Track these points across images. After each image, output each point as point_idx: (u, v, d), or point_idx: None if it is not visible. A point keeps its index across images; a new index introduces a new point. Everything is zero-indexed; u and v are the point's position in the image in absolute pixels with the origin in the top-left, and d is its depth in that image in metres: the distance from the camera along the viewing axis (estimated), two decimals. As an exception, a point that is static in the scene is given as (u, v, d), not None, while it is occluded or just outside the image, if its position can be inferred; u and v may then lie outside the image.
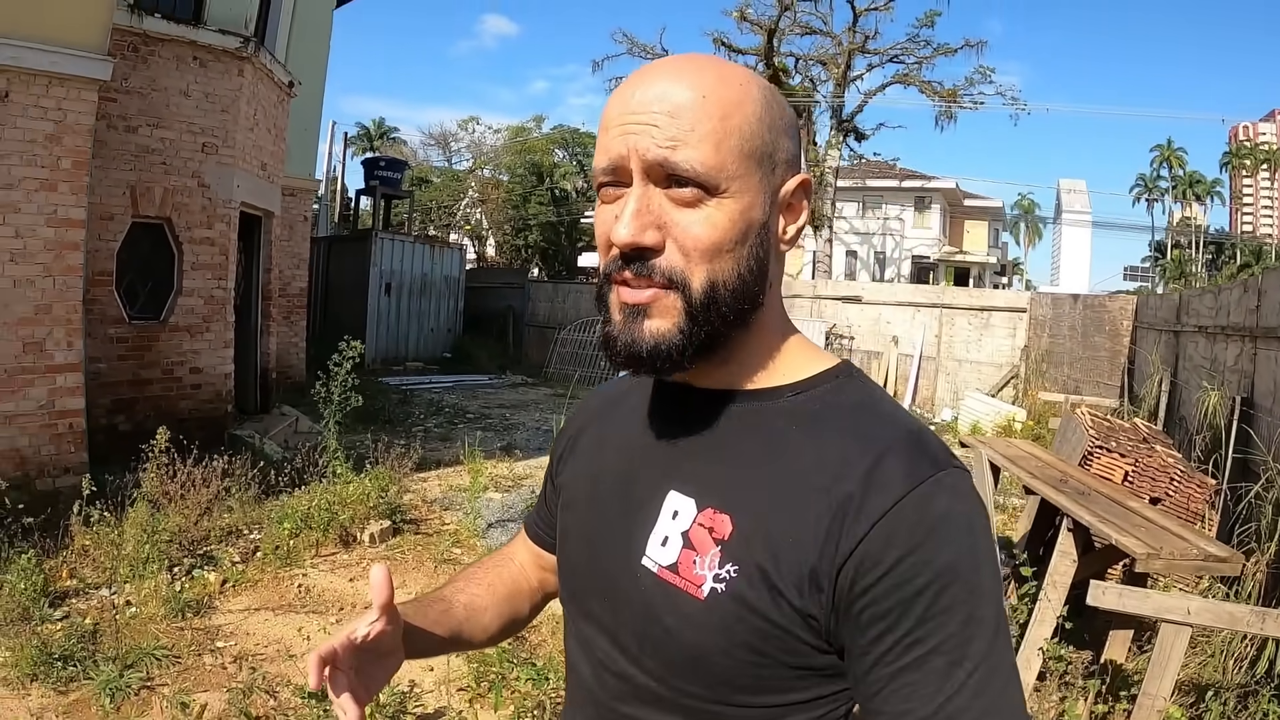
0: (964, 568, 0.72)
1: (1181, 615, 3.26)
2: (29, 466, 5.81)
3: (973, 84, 22.49)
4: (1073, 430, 5.79)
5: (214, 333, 8.11)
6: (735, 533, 0.79)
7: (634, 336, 0.81)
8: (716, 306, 0.80)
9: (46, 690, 3.77)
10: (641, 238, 0.78)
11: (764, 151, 0.80)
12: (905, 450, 0.77)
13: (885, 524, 0.73)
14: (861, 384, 0.87)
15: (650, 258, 0.79)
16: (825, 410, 0.83)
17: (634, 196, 0.79)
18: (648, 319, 0.80)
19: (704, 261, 0.78)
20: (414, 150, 46.13)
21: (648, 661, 0.84)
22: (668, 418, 0.91)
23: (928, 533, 0.72)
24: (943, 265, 37.07)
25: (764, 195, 0.81)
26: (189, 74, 7.58)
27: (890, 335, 14.98)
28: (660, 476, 0.88)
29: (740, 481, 0.82)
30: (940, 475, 0.76)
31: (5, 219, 5.65)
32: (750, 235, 0.80)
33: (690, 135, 0.76)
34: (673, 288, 0.79)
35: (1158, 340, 9.32)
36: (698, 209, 0.78)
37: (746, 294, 0.82)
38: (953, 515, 0.74)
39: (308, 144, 13.25)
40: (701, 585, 0.80)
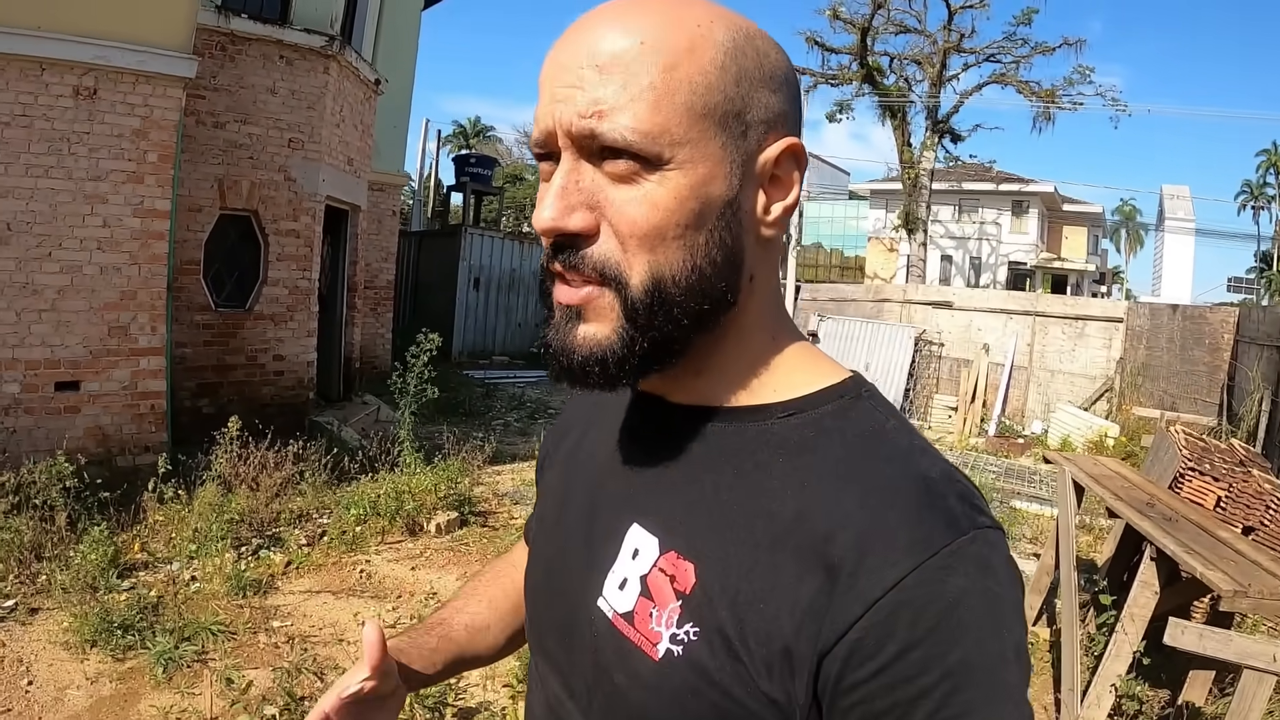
0: (982, 665, 0.57)
1: (1266, 662, 2.99)
2: (110, 444, 6.04)
3: (1072, 84, 21.68)
4: (1165, 449, 5.46)
5: (297, 322, 8.32)
6: (698, 586, 0.66)
7: (565, 342, 0.67)
8: (665, 308, 0.64)
9: (104, 656, 3.91)
10: (565, 221, 0.64)
11: (728, 109, 0.64)
12: (917, 506, 0.61)
13: (884, 607, 0.58)
14: (871, 407, 0.70)
15: (581, 246, 0.65)
16: (821, 440, 0.67)
17: (560, 172, 0.65)
18: (581, 322, 0.66)
19: (644, 250, 0.63)
20: (509, 148, 46.90)
21: (596, 716, 0.72)
22: (639, 435, 0.77)
23: (937, 621, 0.57)
24: (1040, 272, 35.84)
25: (729, 165, 0.64)
26: (275, 72, 7.81)
27: (981, 343, 14.49)
28: (623, 505, 0.75)
29: (710, 524, 0.67)
30: (958, 544, 0.59)
31: (94, 209, 5.90)
32: (709, 216, 0.64)
33: (621, 95, 0.61)
34: (606, 284, 0.65)
35: (1260, 356, 8.78)
36: (635, 184, 0.63)
37: (707, 291, 0.65)
38: (970, 598, 0.58)
39: (396, 140, 13.52)
40: (657, 644, 0.66)
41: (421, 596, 5.01)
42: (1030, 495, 9.04)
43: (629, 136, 0.61)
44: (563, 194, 0.64)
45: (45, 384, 5.84)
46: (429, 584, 5.29)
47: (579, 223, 0.64)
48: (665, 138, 0.62)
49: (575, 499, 0.82)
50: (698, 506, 0.69)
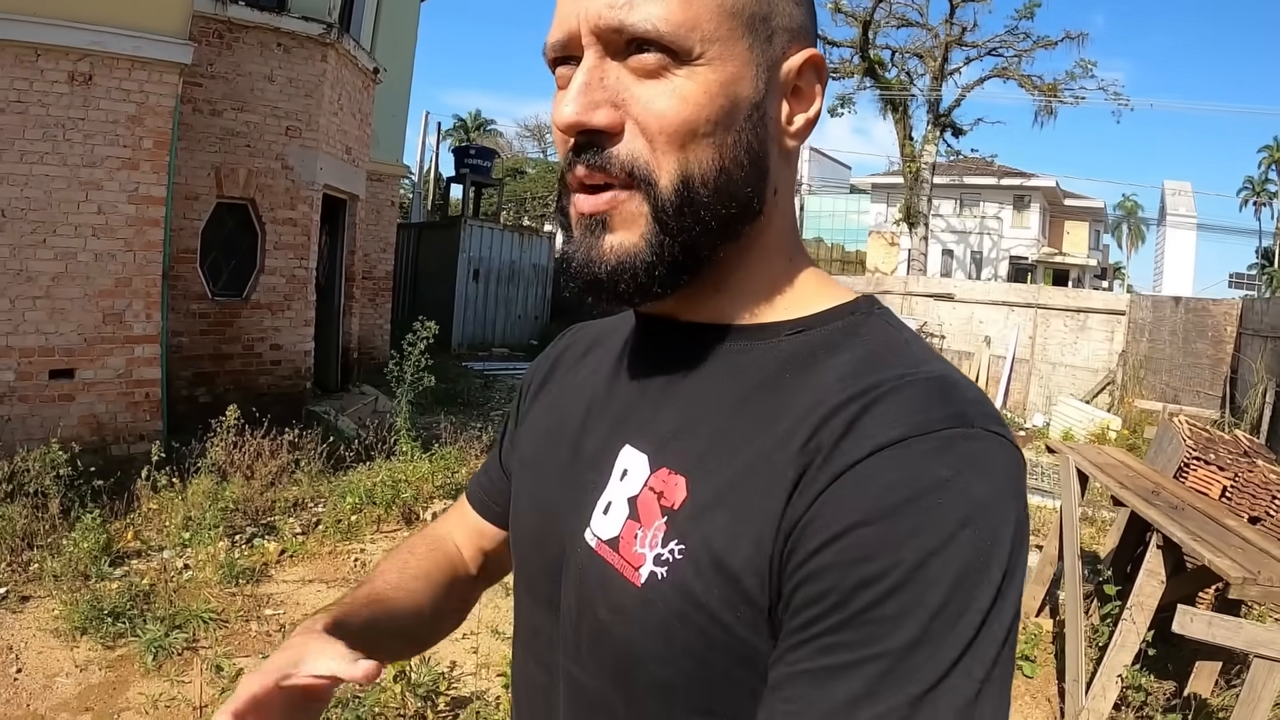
0: (941, 568, 0.50)
1: (1277, 651, 2.95)
2: (105, 432, 6.01)
3: (1074, 78, 21.57)
4: (1169, 440, 5.42)
5: (295, 311, 8.27)
6: (688, 500, 0.61)
7: (590, 254, 0.64)
8: (693, 208, 0.62)
9: (95, 644, 3.88)
10: (590, 116, 0.61)
11: (755, 11, 0.62)
12: (918, 393, 0.57)
13: (850, 477, 0.53)
14: (883, 322, 0.67)
15: (606, 145, 0.62)
16: (832, 355, 0.63)
17: (583, 69, 0.62)
18: (608, 232, 0.63)
19: (674, 148, 0.61)
20: (509, 142, 46.88)
21: (586, 659, 0.67)
22: (640, 357, 0.73)
23: (904, 503, 0.51)
24: (1041, 266, 35.78)
25: (756, 68, 0.63)
26: (273, 59, 7.75)
27: (982, 335, 14.45)
28: (617, 428, 0.71)
29: (708, 438, 0.63)
30: (956, 433, 0.54)
31: (89, 195, 5.86)
32: (737, 116, 0.62)
33: None
34: (634, 185, 0.62)
35: (1263, 348, 8.73)
36: (663, 79, 0.61)
37: (735, 194, 0.63)
38: (953, 488, 0.51)
39: (395, 130, 13.46)
40: (639, 568, 0.62)
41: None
42: (1032, 488, 9.00)
43: (660, 26, 0.59)
44: (586, 89, 0.61)
45: (40, 371, 5.80)
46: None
47: (604, 118, 0.61)
48: (696, 32, 0.60)
49: (565, 431, 0.77)
50: (696, 422, 0.65)
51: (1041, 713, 4.06)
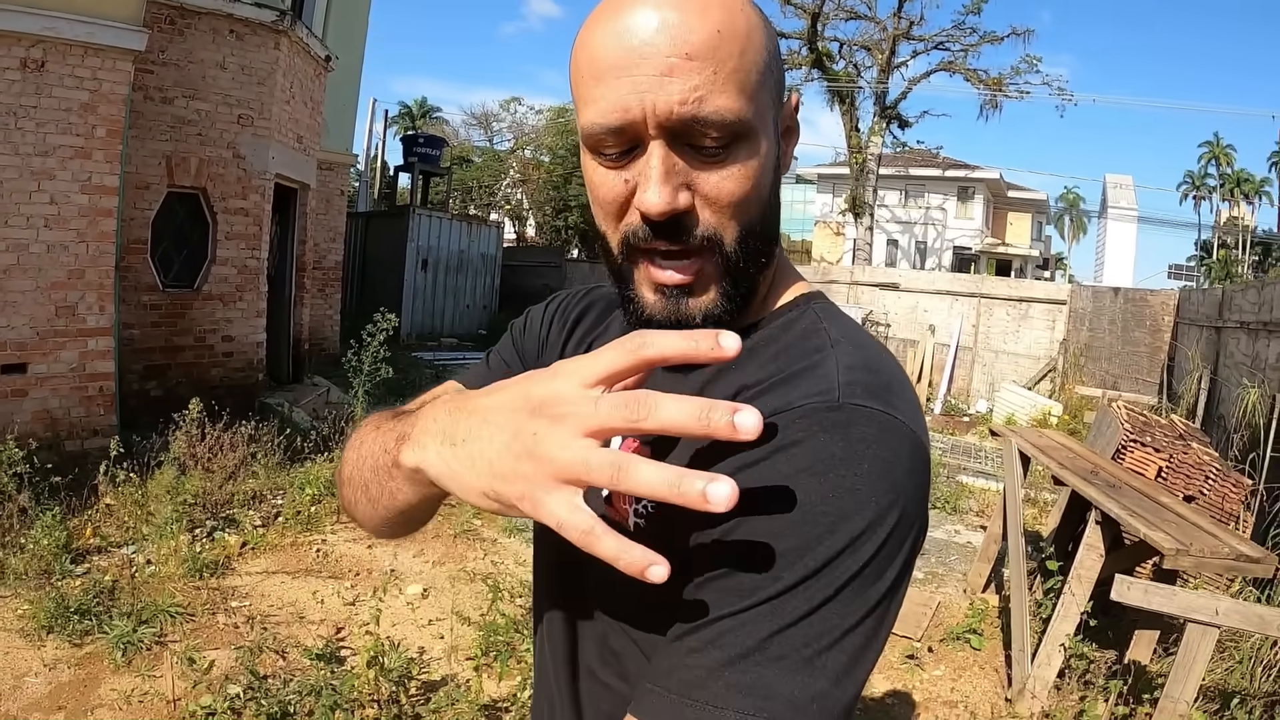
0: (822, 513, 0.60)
1: (1209, 615, 3.15)
2: (59, 427, 5.90)
3: (1019, 73, 22.00)
4: (1108, 424, 5.65)
5: (246, 302, 8.19)
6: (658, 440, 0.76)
7: (681, 315, 0.73)
8: (752, 257, 0.73)
9: (61, 642, 3.84)
10: (677, 202, 0.68)
11: (775, 81, 0.73)
12: (837, 370, 0.69)
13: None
14: (816, 315, 0.78)
15: (687, 223, 0.70)
16: (767, 346, 0.76)
17: (659, 158, 0.68)
18: (692, 297, 0.73)
19: (737, 216, 0.71)
20: (455, 130, 46.31)
21: (602, 601, 0.81)
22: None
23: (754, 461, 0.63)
24: (984, 257, 36.52)
25: (774, 127, 0.74)
26: (225, 46, 7.63)
27: (927, 324, 14.77)
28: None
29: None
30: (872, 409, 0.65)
31: (40, 185, 5.73)
32: (770, 175, 0.74)
33: (715, 80, 0.66)
34: (708, 250, 0.71)
35: (1199, 336, 9.09)
36: (729, 164, 0.69)
37: (772, 233, 0.76)
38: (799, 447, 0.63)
39: (345, 119, 13.30)
40: (627, 519, 0.76)
41: (379, 573, 5.01)
42: (976, 470, 9.27)
43: (728, 118, 0.67)
44: (667, 177, 0.68)
45: (-9, 367, 5.69)
46: (386, 561, 5.29)
47: (685, 202, 0.69)
48: (753, 115, 0.69)
49: None
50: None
51: (989, 682, 4.24)
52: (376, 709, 3.47)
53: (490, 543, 5.79)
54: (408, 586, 4.89)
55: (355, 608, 4.57)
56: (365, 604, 4.54)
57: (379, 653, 3.51)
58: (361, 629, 4.11)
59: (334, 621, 4.38)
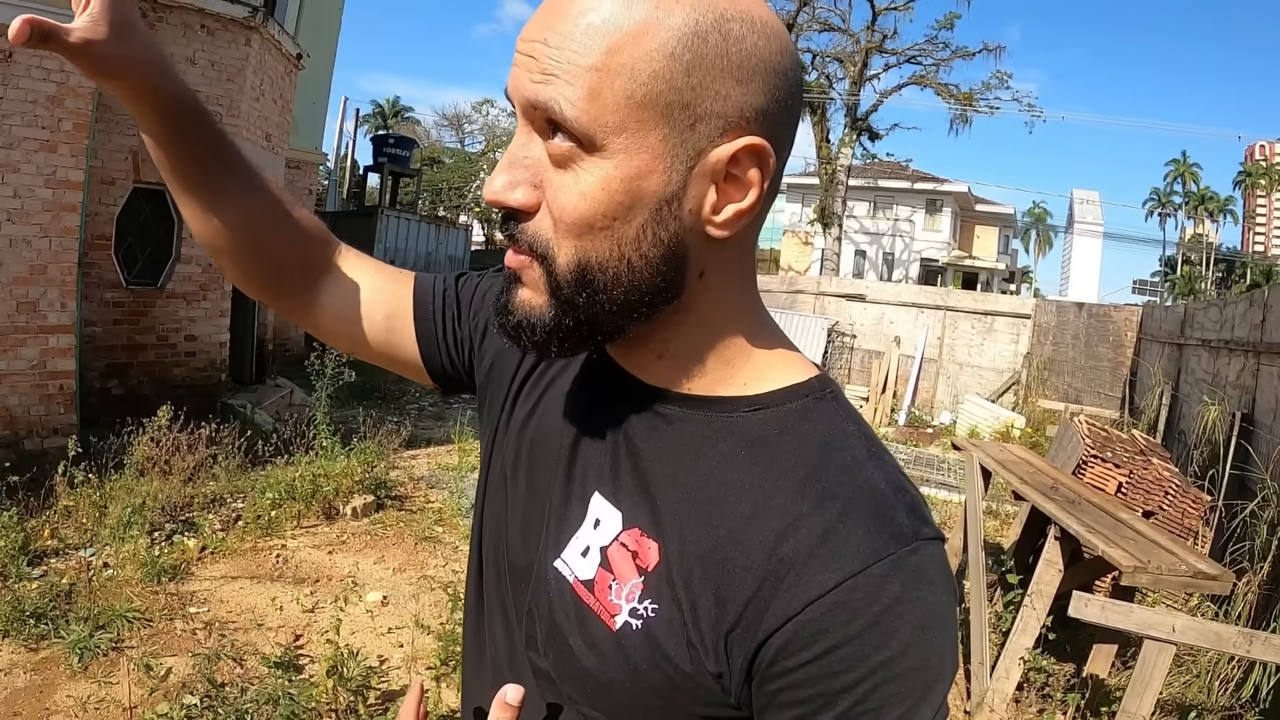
0: (907, 665, 0.60)
1: (1166, 632, 3.20)
2: (18, 426, 5.80)
3: (989, 88, 22.38)
4: (1069, 438, 5.73)
5: (210, 301, 8.09)
6: (661, 565, 0.68)
7: (508, 303, 0.68)
8: (589, 292, 0.64)
9: (17, 646, 3.77)
10: (508, 196, 0.63)
11: (674, 100, 0.60)
12: (867, 515, 0.63)
13: (823, 605, 0.60)
14: (834, 409, 0.70)
15: (521, 219, 0.64)
16: (783, 439, 0.68)
17: (514, 143, 0.64)
18: (521, 286, 0.67)
19: (570, 236, 0.62)
20: (427, 130, 46.12)
21: (552, 664, 0.74)
22: (608, 406, 0.76)
23: (871, 622, 0.59)
24: (951, 269, 36.93)
25: (670, 159, 0.61)
26: (196, 41, 7.54)
27: (892, 335, 14.91)
28: (585, 471, 0.76)
29: (671, 506, 0.69)
30: (901, 554, 0.61)
31: (4, 178, 5.64)
32: (639, 210, 0.62)
33: (566, 71, 0.59)
34: (535, 259, 0.65)
35: (1161, 352, 9.25)
36: (569, 170, 0.61)
37: (637, 283, 0.64)
38: (905, 601, 0.60)
39: (315, 117, 13.19)
40: (615, 615, 0.68)
41: (340, 580, 4.96)
42: (938, 482, 9.36)
43: (566, 114, 0.59)
44: (510, 167, 0.64)
45: (-51, 362, 5.57)
46: (347, 567, 5.24)
47: (520, 199, 0.64)
48: (599, 124, 0.59)
49: (546, 455, 0.81)
50: (660, 487, 0.70)
51: (949, 695, 4.28)
52: (334, 718, 3.43)
53: (452, 549, 5.75)
54: (368, 594, 4.85)
55: (314, 615, 4.52)
56: (325, 611, 4.50)
57: (339, 662, 3.48)
58: (321, 637, 4.07)
59: (293, 629, 4.33)
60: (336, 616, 3.66)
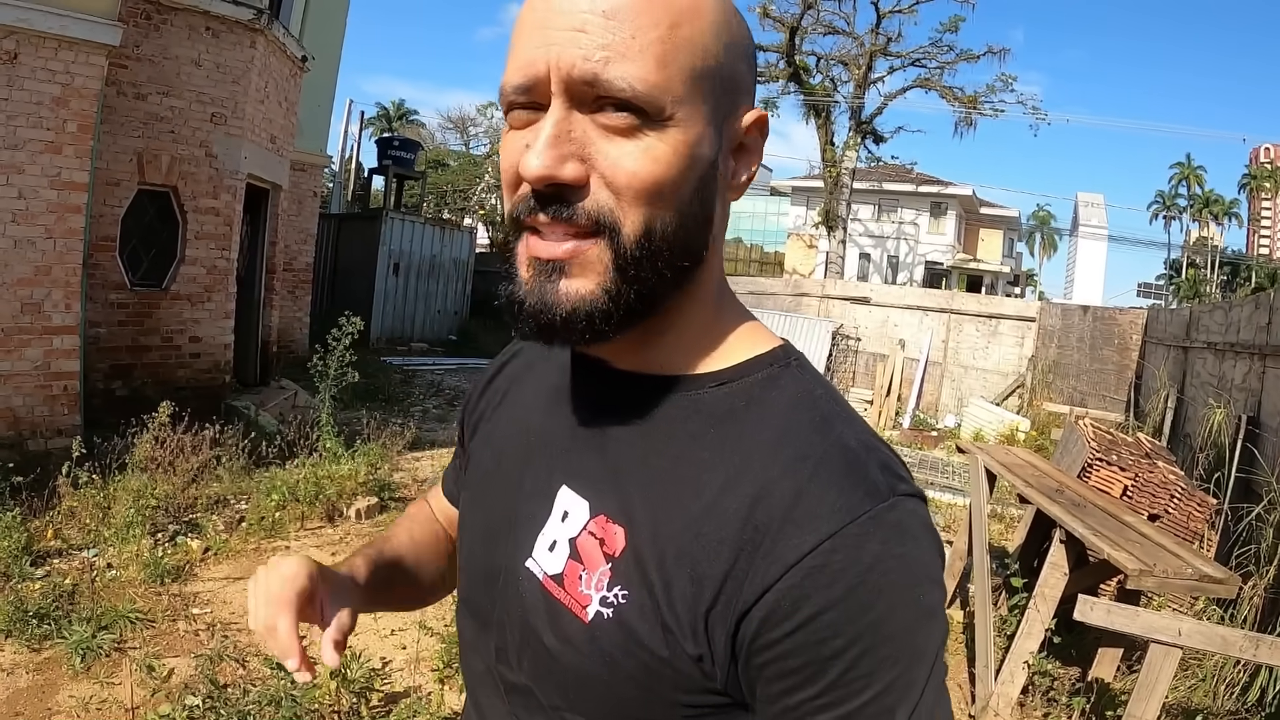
0: (895, 627, 0.59)
1: (1171, 636, 3.18)
2: (22, 426, 5.80)
3: (994, 91, 22.36)
4: (1074, 441, 5.71)
5: (215, 303, 8.09)
6: (628, 550, 0.66)
7: (546, 299, 0.65)
8: (652, 261, 0.64)
9: (19, 646, 3.77)
10: (560, 170, 0.62)
11: (720, 74, 0.65)
12: (838, 473, 0.62)
13: (802, 569, 0.59)
14: (799, 375, 0.71)
15: (572, 198, 0.63)
16: (750, 410, 0.68)
17: (551, 120, 0.62)
18: (565, 278, 0.64)
19: (640, 203, 0.63)
20: (432, 133, 46.18)
21: (526, 672, 0.73)
22: (576, 400, 0.77)
23: (853, 584, 0.58)
24: (956, 272, 36.89)
25: (714, 127, 0.66)
26: (201, 44, 7.55)
27: (897, 338, 14.88)
28: (555, 467, 0.75)
29: (641, 489, 0.68)
30: (878, 510, 0.60)
31: (9, 179, 5.64)
32: (696, 175, 0.65)
33: (630, 45, 0.60)
34: (599, 233, 0.63)
35: (1166, 356, 9.22)
36: (634, 139, 0.62)
37: (689, 245, 0.66)
38: (887, 560, 0.59)
39: (320, 120, 13.20)
40: (586, 606, 0.67)
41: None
42: (943, 485, 9.34)
43: (637, 87, 0.60)
44: (555, 142, 0.62)
45: (-47, 363, 5.58)
46: (353, 570, 5.22)
47: (571, 173, 0.62)
48: (669, 94, 0.61)
49: (508, 460, 0.82)
50: (630, 472, 0.69)
51: (953, 698, 4.26)
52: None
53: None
54: (373, 595, 4.84)
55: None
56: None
57: (342, 663, 3.46)
58: (325, 638, 4.05)
59: (297, 630, 4.32)
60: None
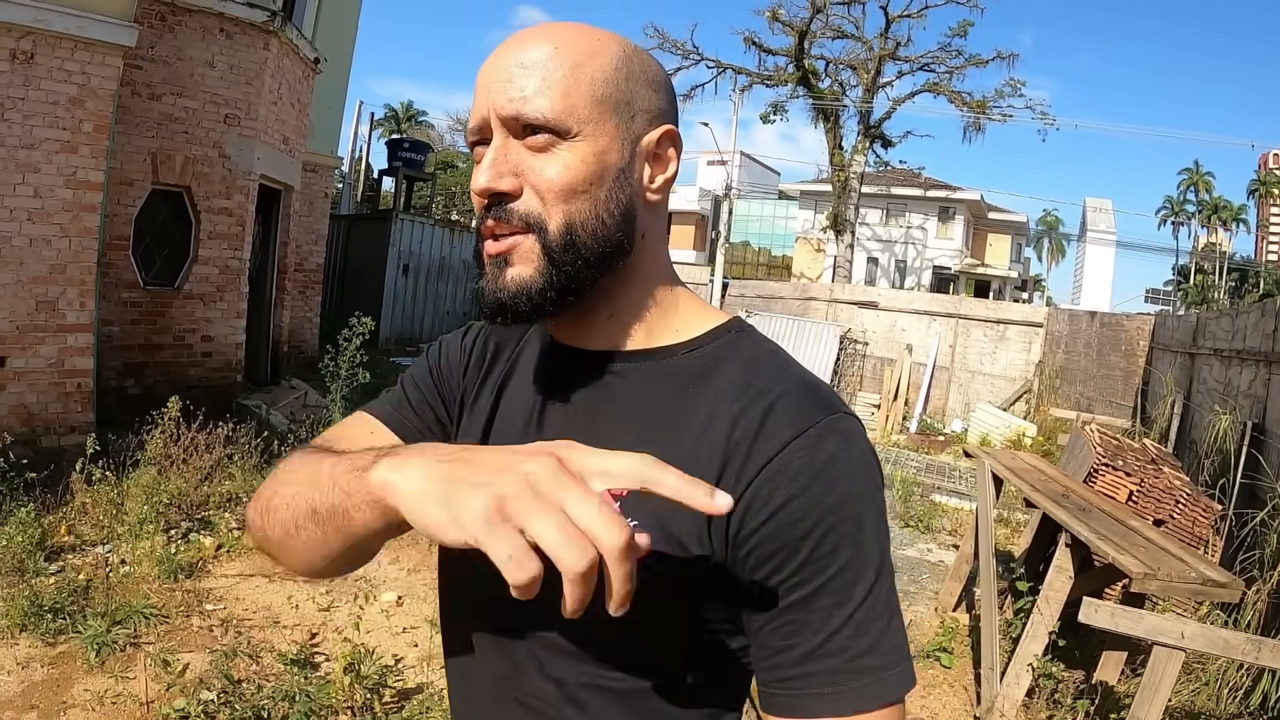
0: (850, 509, 0.74)
1: (1175, 639, 3.20)
2: (35, 423, 5.86)
3: (1002, 96, 22.25)
4: (1080, 447, 5.74)
5: (227, 302, 8.15)
6: (631, 491, 0.73)
7: (498, 284, 0.82)
8: (575, 249, 0.80)
9: (35, 641, 3.82)
10: (498, 183, 0.80)
11: (619, 98, 0.82)
12: (797, 396, 0.79)
13: (773, 466, 0.74)
14: (754, 338, 0.88)
15: (508, 203, 0.80)
16: (720, 366, 0.83)
17: (492, 148, 0.81)
18: (509, 266, 0.81)
19: (559, 202, 0.79)
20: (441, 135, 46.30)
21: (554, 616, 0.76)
22: (563, 380, 0.90)
23: (815, 474, 0.73)
24: (964, 277, 36.84)
25: (621, 141, 0.82)
26: (215, 45, 7.62)
27: (905, 343, 14.89)
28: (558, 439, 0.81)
29: (636, 439, 0.79)
30: (830, 419, 0.76)
31: (25, 178, 5.70)
32: (606, 178, 0.81)
33: (541, 84, 0.78)
34: (530, 230, 0.80)
35: (1173, 362, 9.22)
36: (550, 153, 0.79)
37: (608, 237, 0.82)
38: (840, 458, 0.75)
39: (331, 121, 13.29)
40: None
41: (355, 580, 5.00)
42: (950, 490, 9.36)
43: (547, 114, 0.78)
44: (494, 164, 0.80)
45: (-32, 360, 5.63)
46: (362, 568, 5.27)
47: (507, 184, 0.80)
48: (572, 116, 0.78)
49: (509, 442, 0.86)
50: (625, 429, 0.83)
51: (959, 700, 4.30)
52: (350, 716, 3.47)
53: (467, 550, 5.77)
54: (383, 593, 4.89)
55: (330, 613, 4.56)
56: (340, 610, 4.54)
57: (356, 660, 3.51)
58: (337, 635, 4.11)
59: (308, 627, 4.37)
60: (356, 615, 3.69)
